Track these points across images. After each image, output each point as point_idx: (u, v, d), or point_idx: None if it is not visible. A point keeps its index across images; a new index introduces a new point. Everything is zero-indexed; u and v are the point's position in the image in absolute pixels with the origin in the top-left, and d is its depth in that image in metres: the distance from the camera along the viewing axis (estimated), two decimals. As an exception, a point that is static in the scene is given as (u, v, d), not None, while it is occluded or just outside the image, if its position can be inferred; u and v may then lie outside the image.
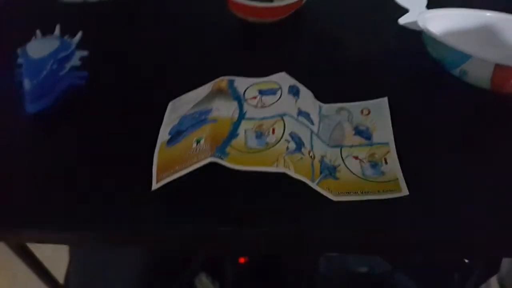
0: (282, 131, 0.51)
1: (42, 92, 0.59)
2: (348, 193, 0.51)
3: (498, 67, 0.56)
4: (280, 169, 0.48)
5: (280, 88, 0.56)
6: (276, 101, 0.55)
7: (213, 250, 0.77)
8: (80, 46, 0.64)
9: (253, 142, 0.50)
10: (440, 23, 0.67)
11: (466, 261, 0.95)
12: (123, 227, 0.49)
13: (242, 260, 1.01)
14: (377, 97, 0.61)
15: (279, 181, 0.49)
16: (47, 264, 1.00)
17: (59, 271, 1.08)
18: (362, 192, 0.51)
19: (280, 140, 0.50)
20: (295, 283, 1.04)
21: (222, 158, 0.48)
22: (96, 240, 0.53)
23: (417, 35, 0.67)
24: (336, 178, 0.53)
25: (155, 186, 0.50)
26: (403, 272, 1.00)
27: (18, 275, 1.25)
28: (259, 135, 0.51)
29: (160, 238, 0.52)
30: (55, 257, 1.05)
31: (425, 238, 0.49)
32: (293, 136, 0.51)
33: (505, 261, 0.86)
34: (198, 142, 0.51)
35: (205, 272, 1.05)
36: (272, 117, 0.53)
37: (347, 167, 0.54)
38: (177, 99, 0.60)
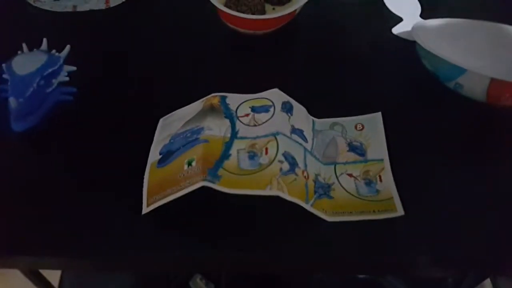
0: (275, 151, 0.50)
1: (28, 110, 0.57)
2: (343, 213, 0.50)
3: (493, 80, 0.56)
4: (274, 192, 0.47)
5: (273, 105, 0.55)
6: (269, 119, 0.54)
7: (206, 271, 0.76)
8: (68, 59, 0.62)
9: (245, 164, 0.49)
10: (434, 33, 0.66)
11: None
12: (111, 254, 0.48)
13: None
14: (371, 111, 0.60)
15: (273, 202, 0.48)
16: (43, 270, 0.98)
17: (53, 274, 1.06)
18: (356, 212, 0.50)
19: (273, 160, 0.49)
20: (288, 285, 1.03)
21: (214, 182, 0.47)
22: (83, 267, 0.52)
23: (411, 45, 0.66)
24: (331, 197, 0.52)
25: (145, 210, 0.49)
26: (395, 276, 1.00)
27: (11, 280, 1.24)
28: (252, 155, 0.50)
29: (150, 264, 0.51)
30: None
31: (420, 258, 0.49)
32: (287, 156, 0.50)
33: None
34: (189, 164, 0.49)
35: (199, 274, 1.04)
36: (265, 136, 0.52)
37: (341, 185, 0.53)
38: (168, 115, 0.59)
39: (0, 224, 0.50)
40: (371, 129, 0.58)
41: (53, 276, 1.05)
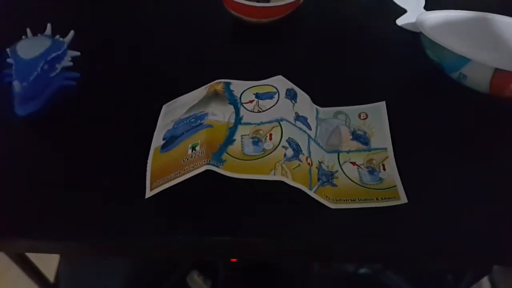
0: (279, 137, 0.50)
1: (32, 94, 0.57)
2: (346, 200, 0.50)
3: (497, 71, 0.56)
4: (277, 177, 0.47)
5: (277, 91, 0.55)
6: (273, 106, 0.54)
7: (208, 257, 0.76)
8: (72, 44, 0.62)
9: (249, 149, 0.49)
10: (438, 24, 0.66)
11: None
12: (114, 237, 0.48)
13: (234, 259, 1.00)
14: (375, 100, 0.60)
15: (276, 188, 0.48)
16: (37, 262, 0.98)
17: (49, 268, 1.06)
18: (360, 200, 0.50)
19: (277, 146, 0.49)
20: (287, 281, 1.03)
21: (218, 166, 0.47)
22: (85, 251, 0.52)
23: (415, 36, 0.66)
24: (334, 185, 0.52)
25: (148, 194, 0.49)
26: (396, 272, 1.00)
27: (8, 274, 1.23)
28: (256, 141, 0.50)
29: (154, 248, 0.50)
30: (46, 254, 1.03)
31: (424, 247, 0.49)
32: (291, 142, 0.50)
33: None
34: (193, 148, 0.49)
35: (197, 270, 1.04)
36: (269, 122, 0.52)
37: (344, 173, 0.53)
38: (171, 102, 0.59)
39: (1, 205, 0.50)
40: (375, 118, 0.58)
41: (49, 270, 1.05)
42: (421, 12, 0.72)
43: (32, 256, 0.96)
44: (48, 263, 1.07)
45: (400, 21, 0.73)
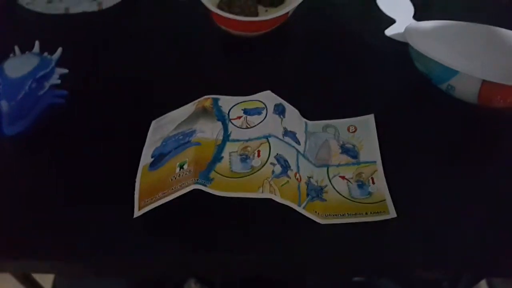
0: (267, 154, 0.50)
1: (20, 113, 0.57)
2: (335, 215, 0.50)
3: (485, 82, 0.56)
4: (266, 195, 0.47)
5: (265, 107, 0.55)
6: (261, 122, 0.54)
7: (198, 274, 0.76)
8: (60, 61, 0.62)
9: (237, 166, 0.49)
10: (426, 35, 0.66)
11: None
12: (103, 258, 0.48)
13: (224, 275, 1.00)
14: (364, 113, 0.60)
15: (265, 205, 0.48)
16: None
17: (46, 278, 1.06)
18: (349, 214, 0.50)
19: (265, 163, 0.49)
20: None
21: (205, 185, 0.47)
22: (75, 271, 0.52)
23: (404, 46, 0.66)
24: (323, 200, 0.52)
25: (137, 213, 0.49)
26: (391, 279, 1.00)
27: (4, 286, 1.23)
28: (244, 158, 0.50)
29: (142, 268, 0.50)
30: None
31: (413, 260, 0.49)
32: (279, 158, 0.50)
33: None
34: (181, 167, 0.49)
35: (194, 278, 1.04)
36: (258, 138, 0.52)
37: (334, 187, 0.53)
38: (160, 118, 0.59)
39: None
40: (363, 131, 0.58)
41: (46, 280, 1.04)
42: (410, 22, 0.72)
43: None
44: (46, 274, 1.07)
45: (389, 32, 0.73)
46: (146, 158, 0.54)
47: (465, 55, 0.64)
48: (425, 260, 0.49)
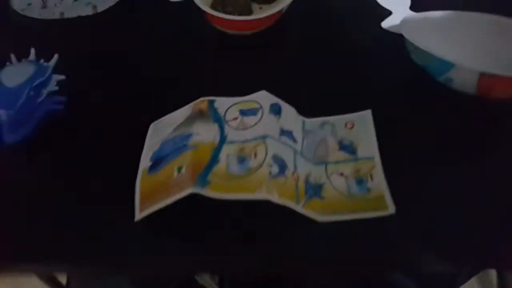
0: (264, 155, 0.50)
1: (19, 121, 0.57)
2: (334, 213, 0.51)
3: (483, 74, 0.55)
4: (263, 196, 0.47)
5: (261, 107, 0.55)
6: (257, 122, 0.54)
7: (199, 273, 0.76)
8: (57, 67, 0.62)
9: (235, 168, 0.50)
10: (422, 27, 0.65)
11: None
12: (107, 261, 0.49)
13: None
14: (362, 108, 0.60)
15: (264, 205, 0.48)
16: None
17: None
18: (348, 211, 0.51)
19: (262, 164, 0.50)
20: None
21: (203, 188, 0.47)
22: (80, 273, 0.52)
23: (401, 39, 0.65)
24: (322, 197, 0.52)
25: (138, 216, 0.49)
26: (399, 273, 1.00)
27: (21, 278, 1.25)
28: (241, 160, 0.50)
29: (145, 270, 0.51)
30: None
31: (412, 255, 0.49)
32: (276, 159, 0.50)
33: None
34: (179, 170, 0.50)
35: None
36: (254, 139, 0.52)
37: (332, 185, 0.53)
38: (158, 121, 0.59)
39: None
40: (361, 127, 0.58)
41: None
42: (406, 13, 0.71)
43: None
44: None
45: (385, 24, 0.72)
46: (145, 161, 0.54)
47: (463, 46, 0.63)
48: (425, 255, 0.49)
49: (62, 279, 1.02)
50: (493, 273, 1.14)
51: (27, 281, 0.87)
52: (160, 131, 0.57)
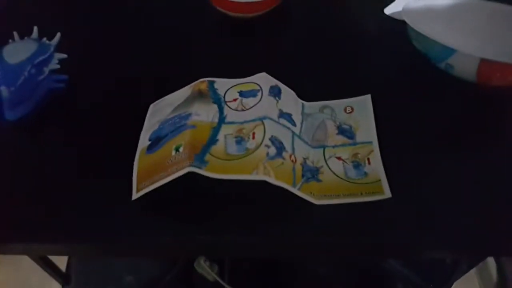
0: (262, 136, 0.50)
1: (20, 98, 0.58)
2: (330, 196, 0.51)
3: (483, 61, 0.55)
4: (260, 176, 0.47)
5: (261, 89, 0.56)
6: (257, 104, 0.54)
7: (197, 255, 0.77)
8: (58, 47, 0.62)
9: (232, 149, 0.50)
10: (424, 13, 0.65)
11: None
12: (102, 239, 0.49)
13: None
14: (362, 93, 0.60)
15: (260, 187, 0.48)
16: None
17: (61, 258, 1.08)
18: (344, 195, 0.51)
19: (260, 145, 0.50)
20: (290, 266, 1.04)
21: (200, 168, 0.47)
22: (74, 252, 0.53)
23: (403, 25, 0.65)
24: (319, 180, 0.52)
25: (135, 195, 0.50)
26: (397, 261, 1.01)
27: (21, 265, 1.26)
28: (239, 140, 0.51)
29: (142, 249, 0.52)
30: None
31: (408, 240, 0.49)
32: (274, 140, 0.51)
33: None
34: (177, 149, 0.50)
35: (203, 256, 1.05)
36: (253, 120, 0.52)
37: (329, 168, 0.53)
38: (158, 101, 0.60)
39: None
40: (360, 111, 0.58)
41: (61, 261, 1.07)
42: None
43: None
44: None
45: (388, 10, 0.72)
46: (143, 141, 0.54)
47: (464, 32, 0.63)
48: (419, 240, 0.49)
49: (59, 263, 1.04)
50: (492, 266, 1.15)
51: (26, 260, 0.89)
52: (159, 112, 0.58)
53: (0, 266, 1.27)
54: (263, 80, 0.57)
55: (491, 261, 1.14)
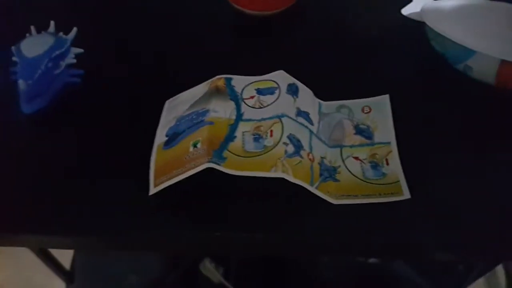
0: (280, 133, 0.50)
1: (37, 92, 0.58)
2: (348, 196, 0.50)
3: (503, 63, 0.55)
4: (278, 174, 0.47)
5: (279, 87, 0.55)
6: (274, 101, 0.54)
7: (213, 252, 0.77)
8: (74, 42, 0.62)
9: (250, 146, 0.50)
10: (443, 14, 0.64)
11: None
12: (119, 234, 0.49)
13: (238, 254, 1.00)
14: (379, 93, 0.60)
15: (278, 184, 0.48)
16: (54, 250, 1.00)
17: (65, 256, 1.08)
18: (362, 195, 0.50)
19: (278, 143, 0.49)
20: (298, 268, 1.04)
21: (219, 164, 0.47)
22: (91, 246, 0.53)
23: (421, 26, 0.65)
24: (336, 180, 0.52)
25: (152, 190, 0.49)
26: (406, 262, 1.00)
27: (25, 263, 1.26)
28: (257, 138, 0.50)
29: (158, 243, 0.51)
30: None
31: (425, 241, 0.49)
32: (292, 138, 0.50)
33: None
34: (195, 145, 0.50)
35: (209, 258, 1.05)
36: (270, 118, 0.52)
37: (347, 168, 0.53)
38: (174, 98, 0.59)
39: (11, 203, 0.51)
40: (378, 111, 0.58)
41: (65, 259, 1.07)
42: (427, 0, 0.70)
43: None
44: (64, 251, 1.09)
45: (405, 11, 0.71)
46: (160, 137, 0.54)
47: (483, 34, 0.62)
48: (437, 242, 0.49)
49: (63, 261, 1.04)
50: (501, 274, 1.13)
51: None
52: (175, 108, 0.57)
53: (4, 264, 1.27)
54: (281, 78, 0.56)
55: (499, 269, 1.13)
